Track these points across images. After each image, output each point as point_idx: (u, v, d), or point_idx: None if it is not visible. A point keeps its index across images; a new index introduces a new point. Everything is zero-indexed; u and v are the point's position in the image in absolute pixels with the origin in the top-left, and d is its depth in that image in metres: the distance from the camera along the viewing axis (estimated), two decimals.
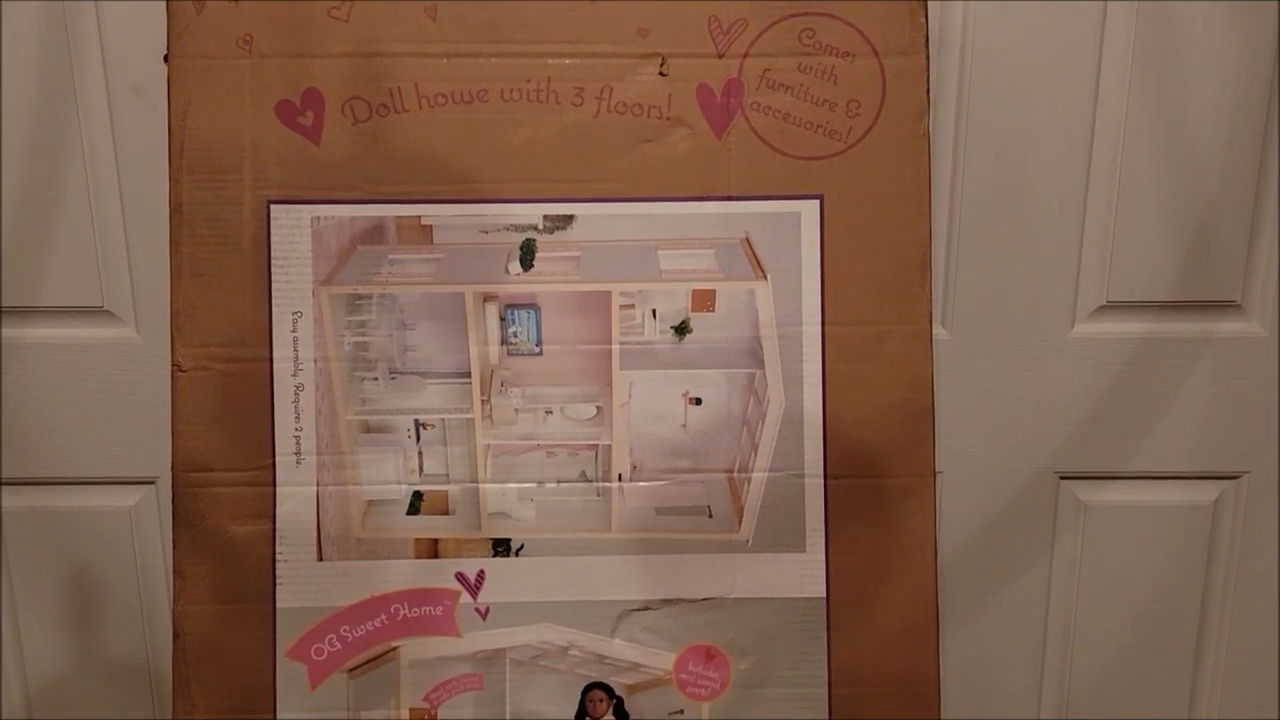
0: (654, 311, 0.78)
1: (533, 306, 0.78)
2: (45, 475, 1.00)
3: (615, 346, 0.78)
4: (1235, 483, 1.02)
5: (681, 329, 0.78)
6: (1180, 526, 1.03)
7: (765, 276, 0.78)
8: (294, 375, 0.77)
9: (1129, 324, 0.99)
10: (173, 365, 0.76)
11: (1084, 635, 1.05)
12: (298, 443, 0.77)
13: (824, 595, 0.79)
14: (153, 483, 1.01)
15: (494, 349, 0.78)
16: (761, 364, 0.78)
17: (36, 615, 1.04)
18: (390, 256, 0.77)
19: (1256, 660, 1.05)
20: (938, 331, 0.78)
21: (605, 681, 0.80)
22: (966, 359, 0.98)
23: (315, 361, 0.77)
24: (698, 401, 0.79)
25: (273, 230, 0.76)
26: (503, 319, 0.78)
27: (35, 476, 1.00)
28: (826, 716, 0.79)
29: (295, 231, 0.76)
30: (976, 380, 0.99)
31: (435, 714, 0.79)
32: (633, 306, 0.78)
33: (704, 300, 0.78)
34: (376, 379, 0.78)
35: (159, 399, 0.77)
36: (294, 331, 0.76)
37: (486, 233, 0.77)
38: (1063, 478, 1.02)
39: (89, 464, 1.00)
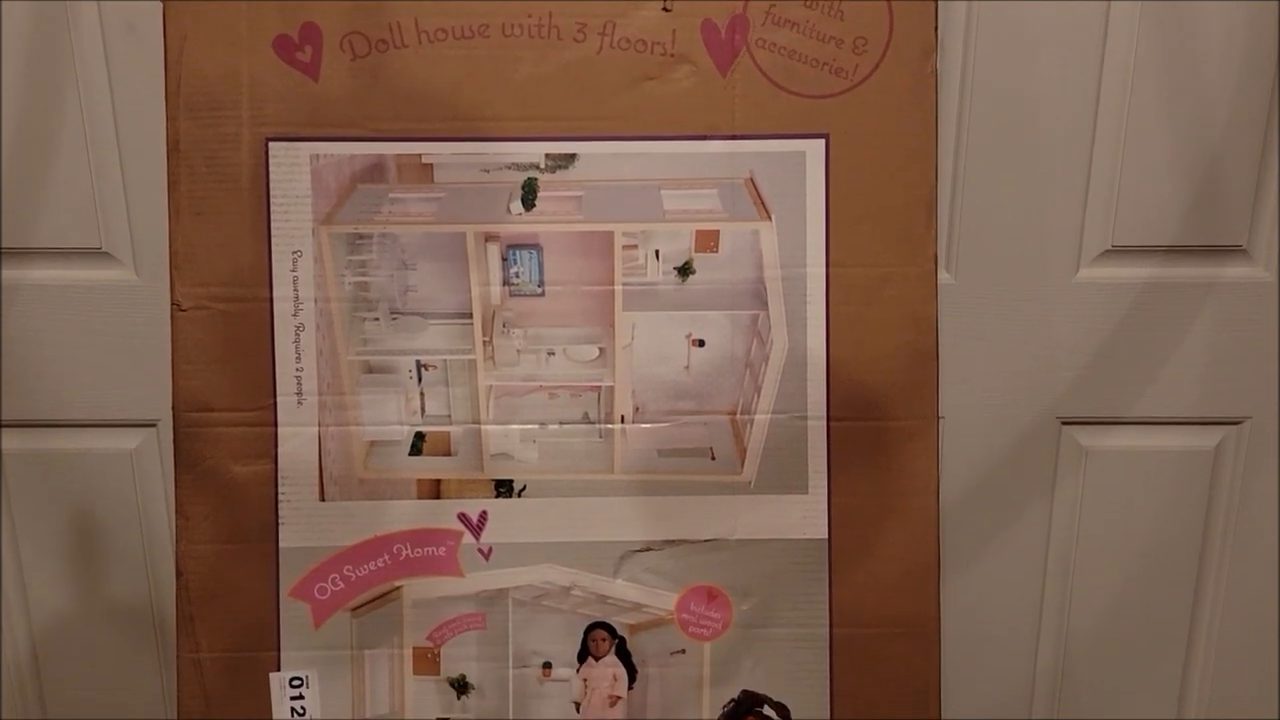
0: (657, 252, 0.77)
1: (535, 247, 0.77)
2: (45, 418, 1.00)
3: (618, 287, 0.77)
4: (1237, 428, 1.02)
5: (685, 270, 0.78)
6: (1181, 472, 1.03)
7: (769, 217, 0.77)
8: (294, 315, 0.76)
9: (1134, 269, 0.98)
10: (172, 305, 0.75)
11: (1083, 580, 1.05)
12: (299, 383, 0.77)
13: (826, 537, 0.79)
14: (154, 425, 1.01)
15: (496, 289, 0.77)
16: (765, 305, 0.77)
17: (39, 558, 1.05)
18: (391, 195, 0.76)
19: (1255, 606, 1.06)
20: (941, 276, 0.77)
21: (607, 621, 0.80)
22: (970, 304, 0.98)
23: (316, 301, 0.76)
24: (701, 343, 0.78)
25: (271, 168, 0.75)
26: (504, 259, 0.77)
27: (36, 419, 1.00)
28: (827, 657, 0.80)
29: (294, 169, 0.75)
30: (979, 325, 0.98)
31: (438, 653, 0.80)
32: (635, 247, 0.77)
33: (707, 241, 0.77)
34: (378, 319, 0.77)
35: (159, 342, 0.76)
36: (294, 271, 0.76)
37: (488, 171, 0.76)
38: (1064, 423, 1.02)
39: (90, 407, 1.00)
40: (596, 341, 0.78)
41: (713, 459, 0.79)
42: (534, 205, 0.76)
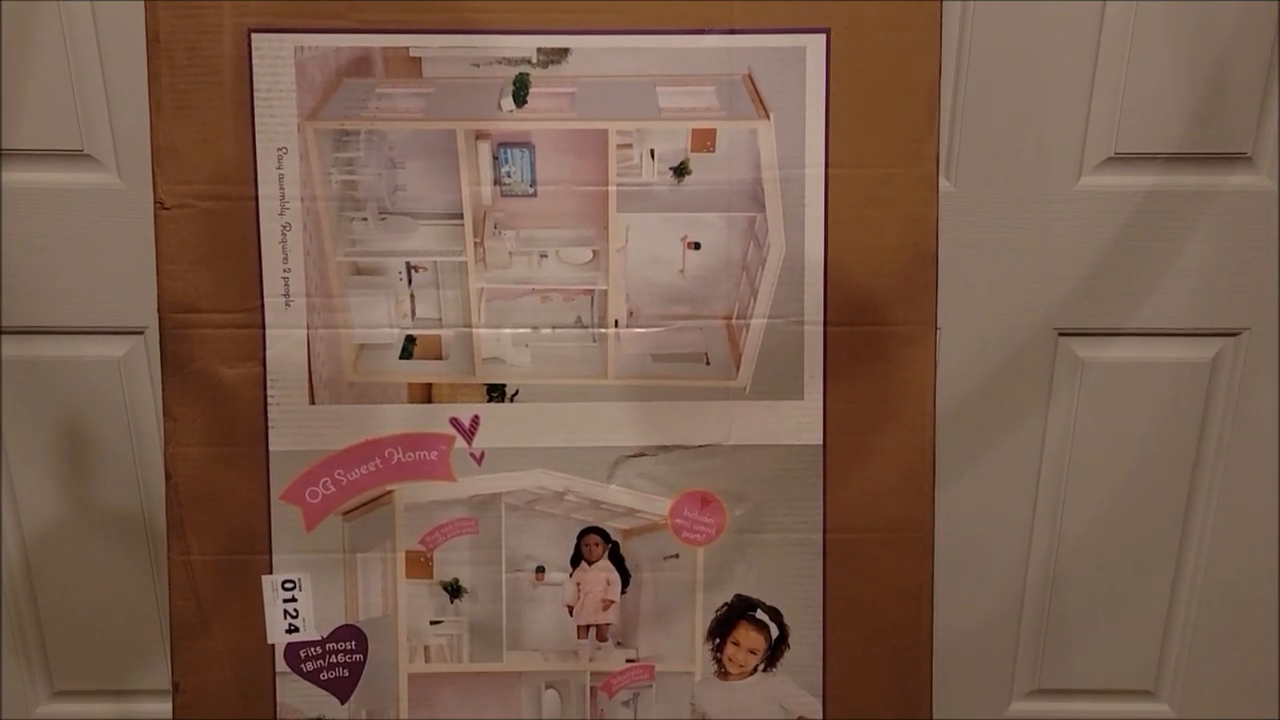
0: (652, 151, 0.75)
1: (526, 145, 0.75)
2: (30, 324, 0.99)
3: (612, 188, 0.76)
4: (1234, 340, 1.01)
5: (680, 170, 0.76)
6: (1177, 384, 1.03)
7: (768, 115, 0.75)
8: (280, 214, 0.74)
9: (1136, 176, 0.97)
10: (155, 203, 0.73)
11: (1076, 490, 1.06)
12: (286, 284, 0.75)
13: (821, 443, 0.78)
14: (141, 333, 1.00)
15: (487, 189, 0.76)
16: (762, 207, 0.76)
17: (28, 466, 1.04)
18: (378, 90, 0.74)
19: (1248, 520, 1.06)
20: (941, 184, 0.76)
21: (601, 526, 0.80)
22: (969, 212, 0.97)
23: (302, 200, 0.74)
24: (696, 246, 0.77)
25: (255, 61, 0.72)
26: (495, 158, 0.75)
27: (20, 326, 0.99)
28: (821, 561, 0.80)
29: (278, 62, 0.73)
30: (978, 234, 0.97)
31: (431, 557, 0.79)
32: (630, 146, 0.75)
33: (704, 140, 0.75)
34: (366, 219, 0.75)
35: (144, 247, 0.75)
36: (279, 168, 0.74)
37: (478, 66, 0.74)
38: (1061, 334, 1.01)
39: (75, 313, 0.99)
40: (590, 244, 0.77)
41: (707, 364, 0.78)
42: (525, 102, 0.74)
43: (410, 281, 0.77)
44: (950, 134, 0.95)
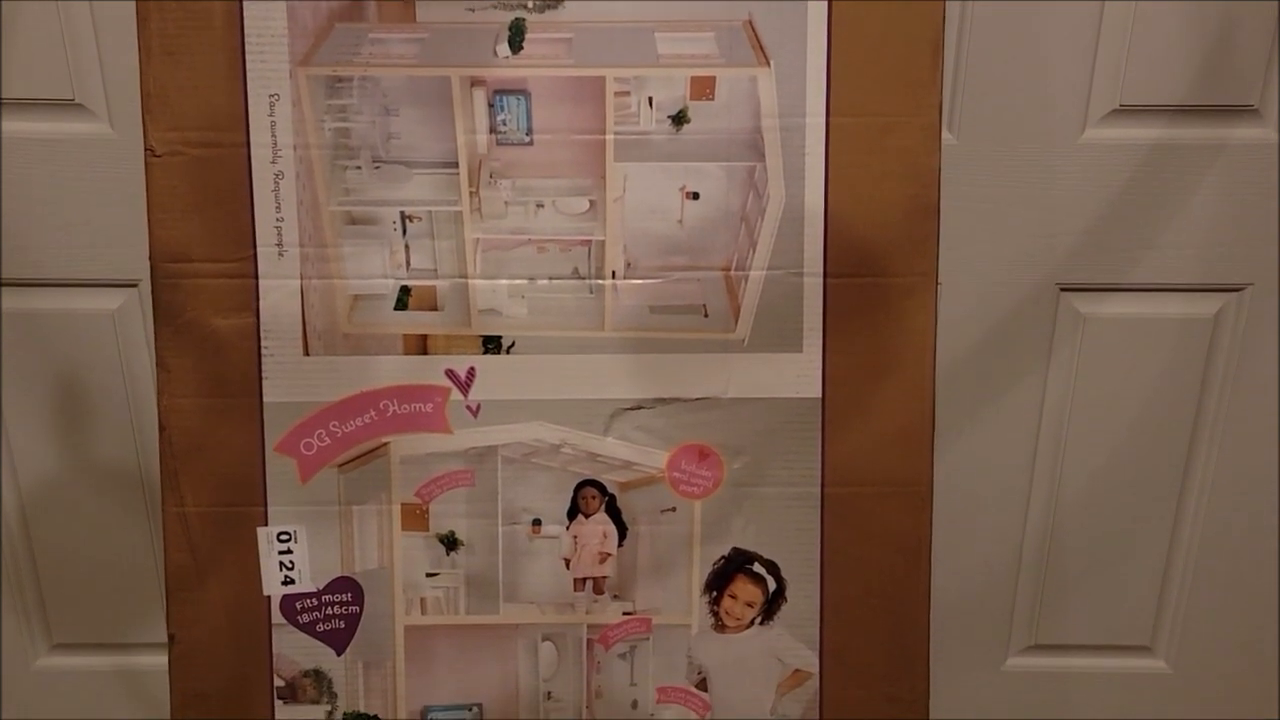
0: (650, 99, 0.74)
1: (523, 92, 0.74)
2: (23, 277, 0.98)
3: (609, 136, 0.75)
4: (1237, 295, 1.00)
5: (679, 118, 0.75)
6: (1179, 340, 1.02)
7: (768, 63, 0.74)
8: (273, 162, 0.73)
9: (1141, 129, 0.95)
10: (146, 150, 0.72)
11: (1075, 447, 1.05)
12: (279, 234, 0.74)
13: (820, 396, 0.78)
14: (135, 285, 0.99)
15: (482, 137, 0.74)
16: (762, 156, 0.75)
17: (23, 420, 1.04)
18: (371, 36, 0.73)
19: (1246, 476, 1.06)
20: (943, 136, 0.74)
21: (598, 479, 0.79)
22: (972, 165, 0.96)
23: (295, 148, 0.73)
24: (695, 196, 0.76)
25: (245, 5, 0.71)
26: (491, 105, 0.74)
27: (13, 278, 0.98)
28: (819, 515, 0.79)
29: (269, 6, 0.71)
30: (980, 187, 0.96)
31: (427, 509, 0.79)
32: (628, 94, 0.74)
33: (703, 88, 0.74)
34: (359, 168, 0.74)
35: (137, 199, 0.74)
36: (271, 115, 0.73)
37: (473, 10, 0.72)
38: (1063, 289, 1.00)
39: (68, 266, 0.98)
40: (587, 193, 0.76)
41: (706, 316, 0.77)
42: (521, 48, 0.73)
43: (405, 232, 0.76)
44: (953, 86, 0.94)
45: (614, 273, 0.77)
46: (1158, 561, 1.09)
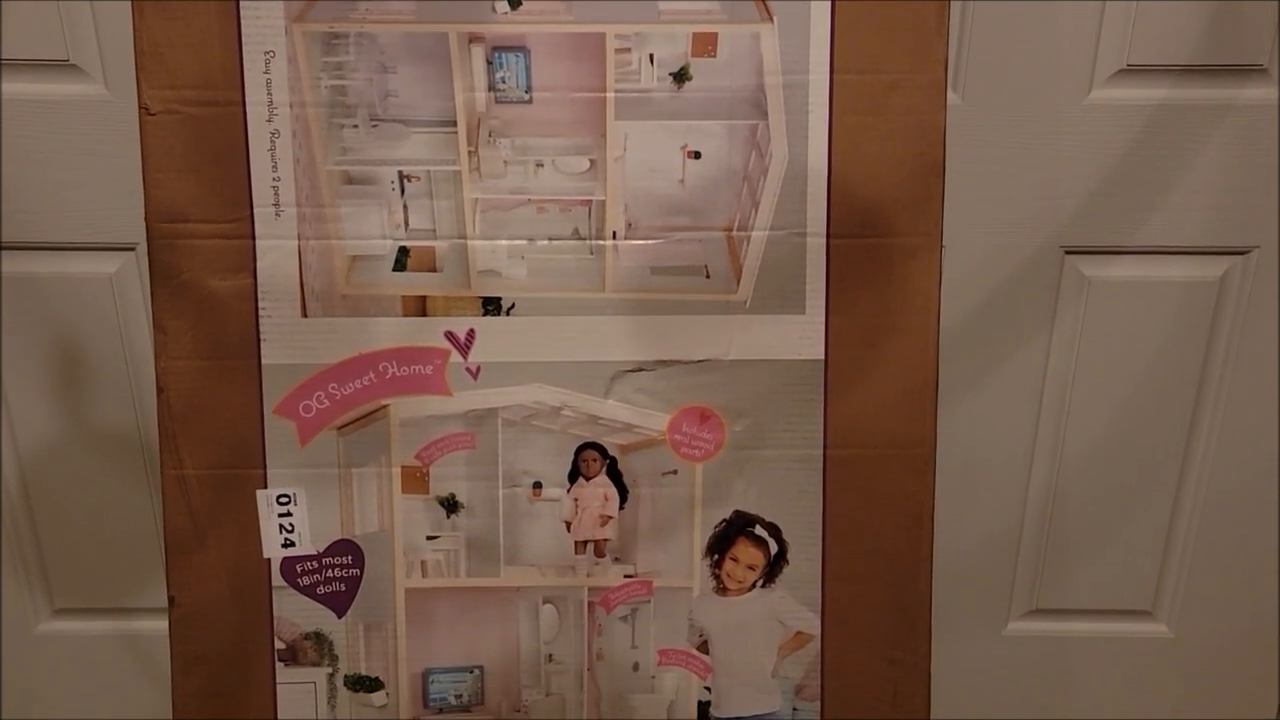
0: (651, 56, 0.73)
1: (522, 49, 0.73)
2: (20, 240, 0.97)
3: (610, 94, 0.74)
4: (1243, 258, 1.00)
5: (680, 76, 0.73)
6: (1184, 303, 1.01)
7: (771, 19, 0.72)
8: (269, 120, 0.72)
9: (1148, 89, 0.94)
10: (140, 108, 0.71)
11: (1078, 411, 1.05)
12: (276, 193, 0.73)
13: (822, 358, 0.77)
14: (132, 249, 0.99)
15: (481, 95, 0.73)
16: (765, 115, 0.74)
17: (22, 384, 1.03)
18: None
19: (1249, 440, 1.05)
20: (948, 97, 0.73)
21: (598, 441, 0.79)
22: (976, 126, 0.94)
23: (291, 106, 0.72)
24: (696, 155, 0.75)
25: None
26: (490, 63, 0.73)
27: (10, 241, 0.97)
28: (821, 478, 0.79)
29: None
30: (985, 149, 0.95)
31: (427, 472, 0.79)
32: (629, 50, 0.73)
33: (705, 44, 0.73)
34: (356, 126, 0.73)
35: (134, 161, 0.73)
36: (267, 73, 0.72)
37: None
38: (1068, 252, 1.00)
39: (65, 229, 0.98)
40: (587, 152, 0.75)
41: (707, 277, 0.76)
42: (520, 4, 0.72)
43: (403, 191, 0.75)
44: (958, 45, 0.92)
45: (615, 233, 0.76)
46: (1160, 526, 1.09)
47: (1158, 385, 1.04)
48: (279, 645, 0.80)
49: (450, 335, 0.77)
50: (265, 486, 0.78)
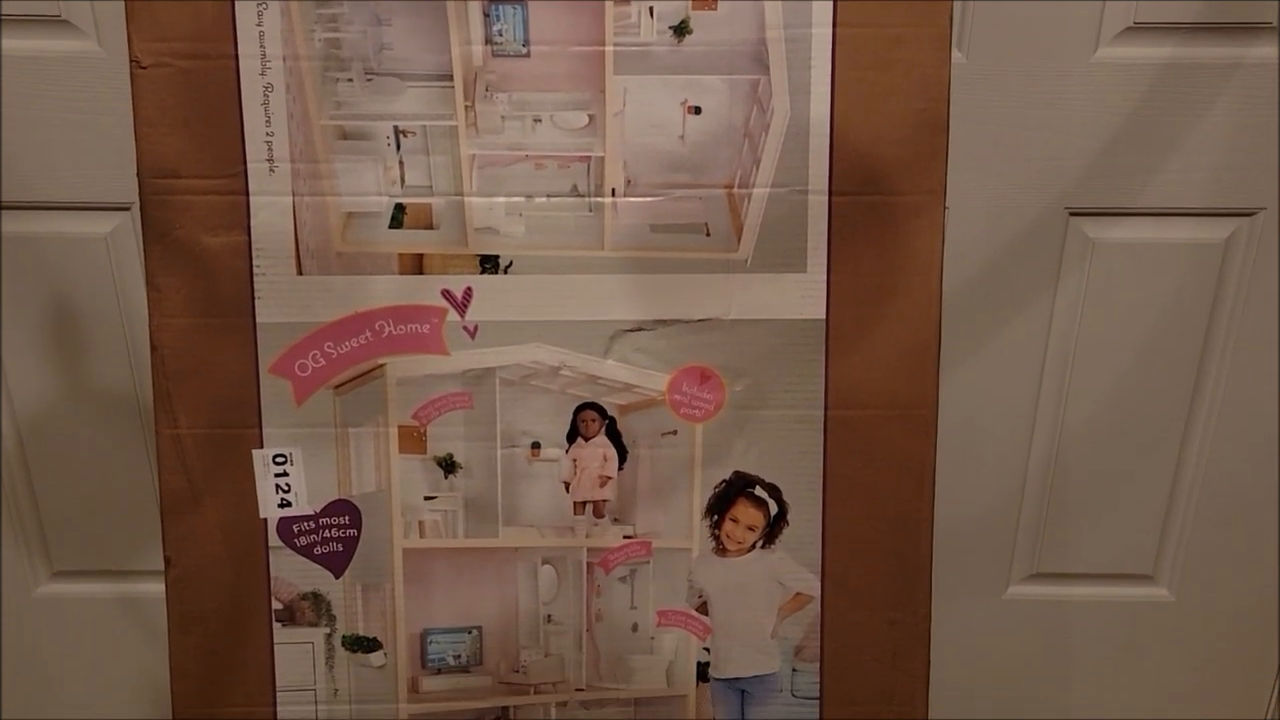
0: (651, 9, 0.72)
1: (519, 1, 0.72)
2: (12, 200, 0.96)
3: (608, 48, 0.72)
4: (1249, 220, 0.99)
5: (681, 29, 0.72)
6: (1188, 265, 1.01)
7: None
8: (262, 74, 0.71)
9: (1155, 48, 0.93)
10: (131, 62, 0.70)
11: (1081, 374, 1.04)
12: (270, 149, 0.72)
13: (824, 317, 0.76)
14: (127, 209, 0.98)
15: (478, 49, 0.72)
16: (767, 69, 0.72)
17: (17, 346, 1.03)
18: None
19: (1252, 404, 1.05)
20: (952, 55, 0.72)
21: (597, 402, 0.78)
22: (981, 85, 0.93)
23: (284, 59, 0.71)
24: (697, 110, 0.74)
25: None
26: (486, 15, 0.72)
27: (4, 201, 0.96)
28: (822, 439, 0.78)
29: None
30: (989, 108, 0.94)
31: (424, 432, 0.78)
32: (628, 3, 0.72)
33: None
34: (351, 80, 0.72)
35: (127, 120, 0.72)
36: (259, 25, 0.70)
37: None
38: (1072, 214, 0.99)
39: (59, 189, 0.97)
40: (585, 108, 0.74)
41: (708, 235, 0.75)
42: None
43: (399, 147, 0.74)
44: (963, 3, 0.91)
45: (614, 190, 0.75)
46: (1162, 489, 1.09)
47: (1162, 348, 1.03)
48: (276, 605, 0.80)
49: (447, 294, 0.76)
50: (261, 446, 0.77)
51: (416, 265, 0.76)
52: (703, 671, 0.83)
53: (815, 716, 0.82)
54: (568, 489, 0.80)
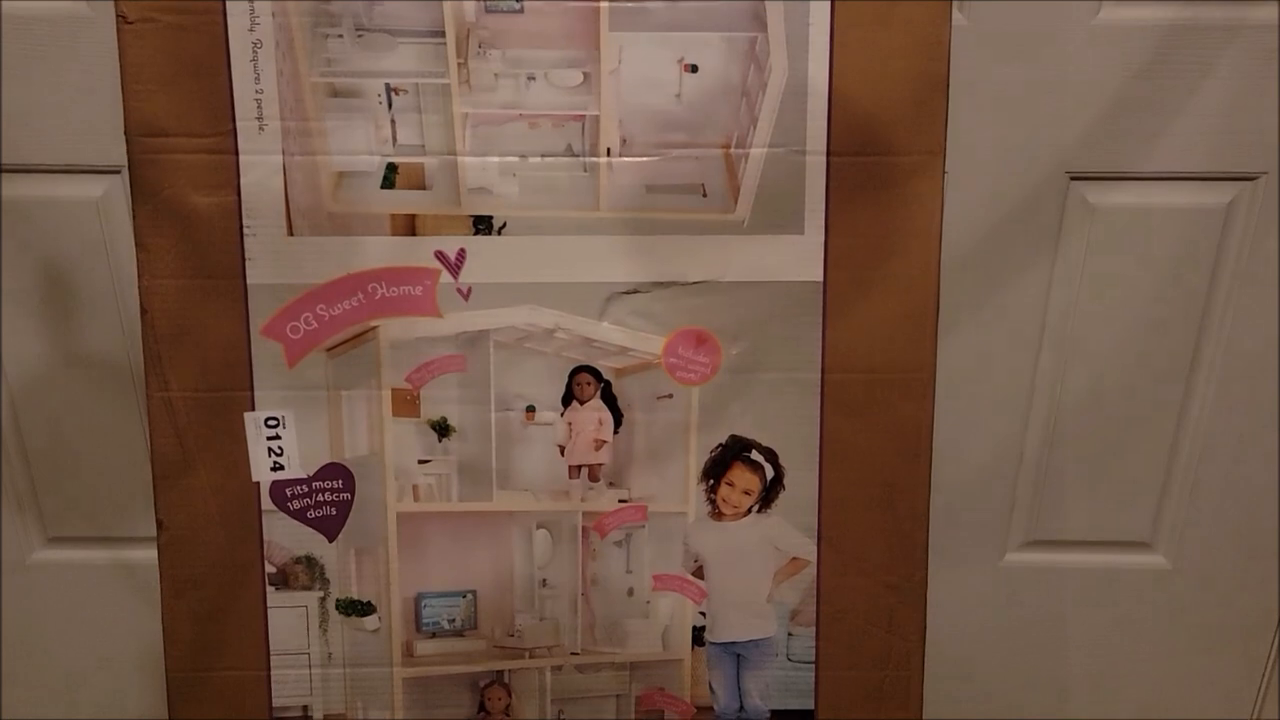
0: None
1: None
2: (4, 163, 0.95)
3: (604, 4, 0.71)
4: (1251, 185, 0.98)
5: None
6: (1190, 231, 1.00)
7: None
8: (250, 30, 0.70)
9: (1157, 10, 0.92)
10: (118, 16, 0.69)
11: (1080, 340, 1.03)
12: (259, 106, 0.71)
13: (821, 279, 0.76)
14: (118, 172, 0.96)
15: (470, 5, 0.71)
16: (764, 27, 0.71)
17: (8, 311, 1.02)
18: None
19: (1251, 371, 1.04)
20: (954, 18, 0.71)
21: (592, 365, 0.78)
22: (981, 47, 0.92)
23: (273, 15, 0.70)
24: (693, 69, 0.73)
25: None
26: None
27: None
28: (818, 402, 0.78)
29: None
30: (990, 71, 0.93)
31: (418, 395, 0.77)
32: None
33: None
34: (341, 36, 0.71)
35: (118, 82, 0.70)
36: None
37: None
38: (1073, 178, 0.98)
39: (49, 151, 0.95)
40: (580, 65, 0.73)
41: (704, 196, 0.74)
42: None
43: (390, 105, 0.73)
44: None
45: (609, 150, 0.74)
46: (1160, 457, 1.08)
47: (1161, 314, 1.02)
48: (269, 569, 0.79)
49: (440, 255, 0.75)
50: (253, 409, 0.76)
51: (409, 226, 0.75)
52: (698, 636, 0.83)
53: (811, 680, 0.82)
54: (563, 453, 0.80)
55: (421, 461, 0.78)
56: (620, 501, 0.80)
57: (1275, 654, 1.15)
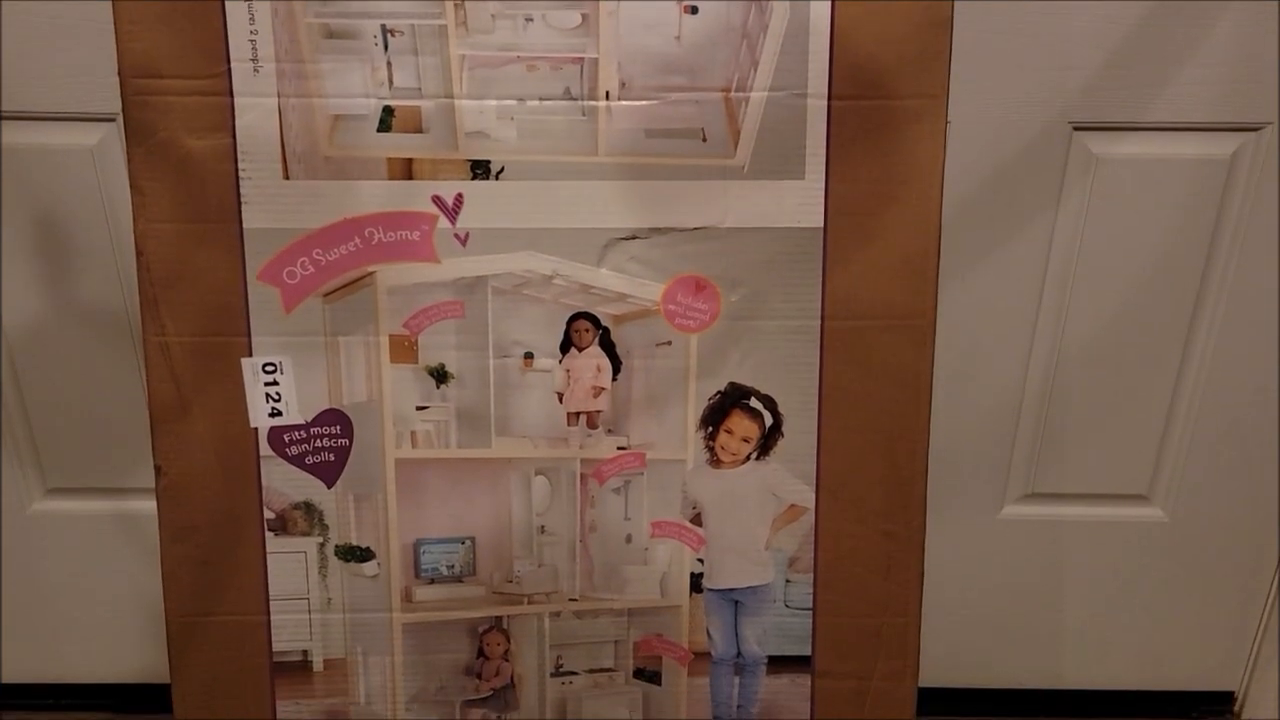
0: None
1: None
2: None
3: None
4: (1255, 135, 0.97)
5: None
6: (1193, 182, 0.99)
7: None
8: None
9: None
10: None
11: (1081, 291, 1.03)
12: (254, 48, 0.70)
13: (822, 225, 0.75)
14: (113, 120, 0.96)
15: None
16: None
17: (5, 260, 1.01)
18: None
19: (1253, 324, 1.04)
20: None
21: (591, 311, 0.77)
22: None
23: None
24: (693, 10, 0.72)
25: None
26: None
27: None
28: (818, 349, 0.77)
29: None
30: (991, 18, 0.92)
31: (415, 341, 0.77)
32: None
33: None
34: None
35: (111, 28, 0.69)
36: None
37: None
38: (1076, 128, 0.97)
39: (43, 98, 0.94)
40: (578, 6, 0.72)
41: (704, 140, 0.74)
42: None
43: (386, 47, 0.72)
44: None
45: (608, 93, 0.73)
46: (1159, 410, 1.08)
47: (1163, 266, 1.02)
48: (268, 515, 0.79)
49: (438, 200, 0.74)
50: (250, 354, 0.76)
51: (406, 170, 0.74)
52: (696, 582, 0.83)
53: (809, 627, 0.82)
54: (561, 400, 0.79)
55: (420, 408, 0.78)
56: (619, 448, 0.80)
57: (1271, 606, 1.15)
